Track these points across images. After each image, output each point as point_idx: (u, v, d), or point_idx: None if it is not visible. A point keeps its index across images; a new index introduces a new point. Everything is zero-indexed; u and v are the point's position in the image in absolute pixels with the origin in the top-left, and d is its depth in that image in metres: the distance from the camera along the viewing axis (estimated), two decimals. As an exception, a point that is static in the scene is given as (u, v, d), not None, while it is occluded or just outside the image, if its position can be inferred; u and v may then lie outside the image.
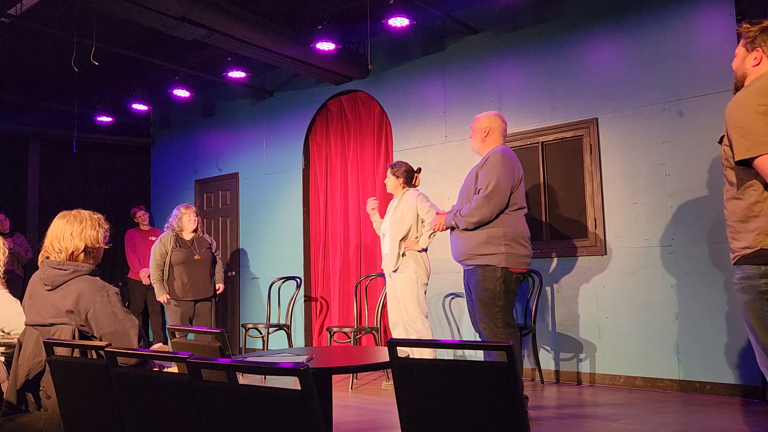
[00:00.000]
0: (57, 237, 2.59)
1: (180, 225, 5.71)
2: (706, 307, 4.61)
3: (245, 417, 1.61)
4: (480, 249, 3.77)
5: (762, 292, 2.21)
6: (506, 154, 3.87)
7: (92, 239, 2.61)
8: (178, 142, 8.81)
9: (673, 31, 4.90)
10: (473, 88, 5.96)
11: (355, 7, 5.95)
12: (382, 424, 4.12)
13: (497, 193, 3.74)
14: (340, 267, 6.88)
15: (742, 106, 2.25)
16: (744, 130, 2.20)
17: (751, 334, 2.30)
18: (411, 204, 4.89)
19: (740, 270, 2.31)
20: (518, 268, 3.80)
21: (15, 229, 7.66)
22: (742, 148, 2.20)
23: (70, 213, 2.67)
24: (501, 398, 1.76)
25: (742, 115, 2.23)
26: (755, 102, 2.21)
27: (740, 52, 2.43)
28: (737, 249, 2.32)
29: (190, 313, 5.66)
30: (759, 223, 2.24)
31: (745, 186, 2.28)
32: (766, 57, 2.33)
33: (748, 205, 2.27)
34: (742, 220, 2.29)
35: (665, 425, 3.81)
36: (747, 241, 2.26)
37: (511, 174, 3.80)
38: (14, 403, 2.44)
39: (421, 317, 4.76)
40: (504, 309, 3.75)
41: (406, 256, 4.84)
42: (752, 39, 2.36)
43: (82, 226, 2.61)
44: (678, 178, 4.81)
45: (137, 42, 6.65)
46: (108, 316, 2.46)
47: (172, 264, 5.60)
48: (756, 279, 2.23)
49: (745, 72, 2.39)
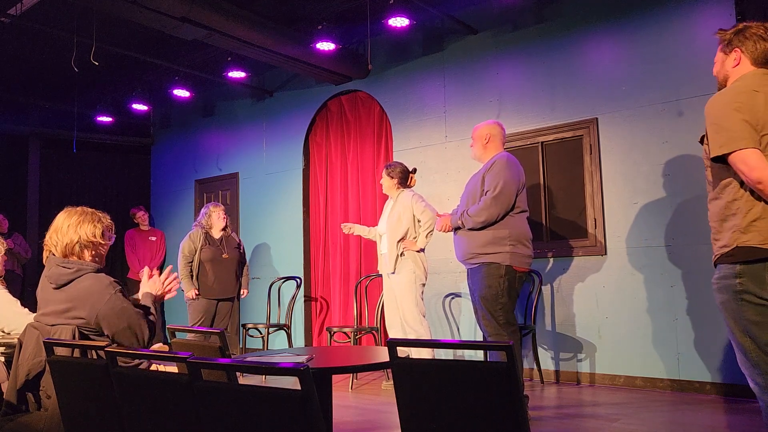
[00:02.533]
0: (55, 229, 2.62)
1: (209, 223, 5.70)
2: (706, 307, 4.60)
3: (245, 417, 1.61)
4: (485, 248, 3.89)
5: (737, 291, 2.19)
6: (511, 160, 4.04)
7: (88, 233, 2.61)
8: (178, 142, 8.81)
9: (673, 31, 4.90)
10: (473, 88, 5.96)
11: (355, 7, 5.95)
12: (382, 424, 4.12)
13: (504, 195, 3.89)
14: (340, 267, 6.88)
15: (718, 103, 2.26)
16: (719, 127, 2.21)
17: (730, 334, 2.28)
18: (407, 205, 4.92)
19: (718, 270, 2.30)
20: (521, 267, 3.92)
21: (14, 229, 7.67)
22: (716, 145, 2.20)
23: (73, 208, 2.69)
24: (501, 398, 1.76)
25: (717, 112, 2.24)
26: (731, 99, 2.22)
27: (719, 57, 2.47)
28: (716, 249, 2.32)
29: (212, 311, 5.64)
30: (735, 221, 2.22)
31: (723, 185, 2.28)
32: (744, 56, 2.35)
33: (725, 203, 2.27)
34: (722, 219, 2.29)
35: (665, 425, 3.82)
36: (724, 239, 2.26)
37: (516, 178, 3.96)
38: (14, 403, 2.44)
39: (419, 317, 4.79)
40: (506, 307, 3.84)
41: (404, 256, 4.87)
42: (728, 41, 2.40)
43: (79, 220, 2.62)
44: (678, 178, 4.81)
45: (137, 42, 6.65)
46: (119, 314, 2.48)
47: (201, 261, 5.60)
48: (731, 278, 2.21)
49: (726, 74, 2.43)
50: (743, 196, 2.22)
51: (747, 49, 2.34)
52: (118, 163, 9.12)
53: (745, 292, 2.17)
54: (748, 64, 2.35)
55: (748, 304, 2.17)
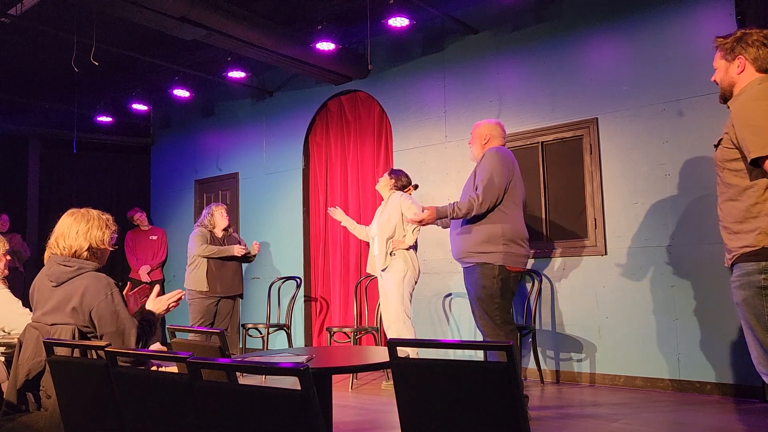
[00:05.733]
0: (63, 234, 2.59)
1: (212, 222, 5.71)
2: (706, 307, 4.60)
3: (245, 417, 1.61)
4: (478, 247, 3.82)
5: (761, 287, 2.21)
6: (501, 152, 3.93)
7: (97, 240, 2.60)
8: (178, 142, 8.81)
9: (674, 31, 4.90)
10: (473, 88, 5.95)
11: (355, 7, 5.95)
12: (382, 424, 4.12)
13: (490, 187, 3.80)
14: (340, 267, 6.89)
15: (752, 106, 2.28)
16: (758, 129, 2.21)
17: (749, 332, 2.29)
18: (395, 204, 5.02)
19: (738, 268, 2.32)
20: (516, 267, 3.84)
21: (14, 229, 7.67)
22: (757, 146, 2.20)
23: (78, 211, 2.65)
24: (501, 398, 1.76)
25: (754, 114, 2.25)
26: (765, 102, 2.25)
27: (720, 65, 2.49)
28: (735, 248, 2.32)
29: (213, 311, 5.65)
30: (759, 223, 2.25)
31: (744, 188, 2.30)
32: (748, 63, 2.40)
33: (746, 207, 2.29)
34: (740, 221, 2.31)
35: (665, 425, 3.82)
36: (746, 240, 2.27)
37: (505, 170, 3.85)
38: (14, 403, 2.44)
39: (402, 315, 4.83)
40: (502, 307, 3.79)
41: (395, 255, 4.91)
42: (731, 49, 2.44)
43: (88, 226, 2.60)
44: (678, 178, 4.81)
45: (137, 42, 6.65)
46: (110, 315, 2.48)
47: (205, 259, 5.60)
48: (755, 275, 2.23)
49: (732, 81, 2.45)
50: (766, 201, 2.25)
51: (750, 56, 2.39)
52: (118, 163, 9.11)
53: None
54: (753, 70, 2.39)
55: None
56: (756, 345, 2.26)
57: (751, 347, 2.30)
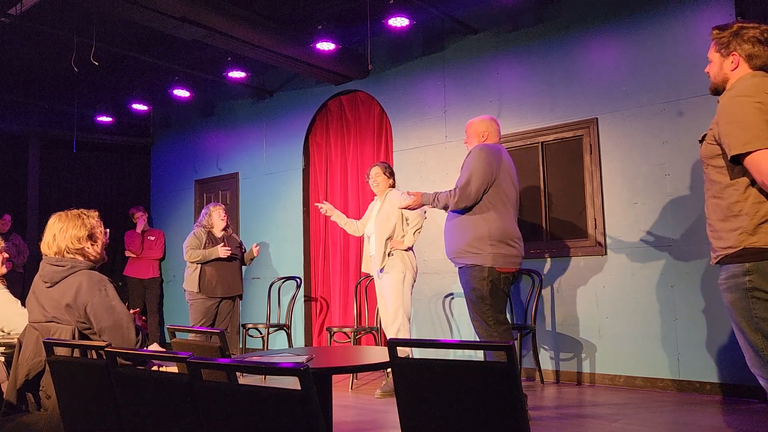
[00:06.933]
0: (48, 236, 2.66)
1: (210, 222, 5.69)
2: (706, 307, 4.60)
3: (245, 417, 1.61)
4: (467, 248, 3.79)
5: (747, 289, 2.20)
6: (486, 150, 3.86)
7: (73, 239, 2.63)
8: (178, 142, 8.81)
9: (673, 31, 4.90)
10: (473, 88, 5.95)
11: (355, 7, 5.94)
12: (382, 424, 4.12)
13: (465, 188, 3.77)
14: (340, 267, 6.89)
15: (739, 102, 2.26)
16: (743, 125, 2.20)
17: (740, 334, 2.28)
18: (394, 203, 4.89)
19: (724, 270, 2.31)
20: (506, 268, 3.78)
21: (13, 230, 7.67)
22: (739, 142, 2.19)
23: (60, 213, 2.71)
24: (501, 398, 1.76)
25: (739, 110, 2.23)
26: (752, 99, 2.22)
27: (715, 58, 2.48)
28: (719, 248, 2.31)
29: (214, 311, 5.64)
30: (740, 222, 2.23)
31: (725, 185, 2.28)
32: (742, 60, 2.38)
33: (728, 204, 2.27)
34: (722, 219, 2.29)
35: (665, 425, 3.82)
36: (729, 240, 2.26)
37: (488, 171, 3.78)
38: (14, 403, 2.45)
39: (402, 317, 4.77)
40: (493, 307, 3.75)
41: (392, 255, 4.85)
42: (726, 44, 2.42)
43: (65, 225, 2.65)
44: (678, 178, 4.81)
45: (137, 42, 6.64)
46: (106, 310, 2.50)
47: None
48: (740, 276, 2.22)
49: (725, 76, 2.44)
50: (749, 198, 2.22)
51: (744, 53, 2.37)
52: (118, 163, 9.11)
53: (755, 288, 2.18)
54: (746, 67, 2.38)
55: (758, 301, 2.18)
56: (748, 347, 2.26)
57: (744, 349, 2.29)
